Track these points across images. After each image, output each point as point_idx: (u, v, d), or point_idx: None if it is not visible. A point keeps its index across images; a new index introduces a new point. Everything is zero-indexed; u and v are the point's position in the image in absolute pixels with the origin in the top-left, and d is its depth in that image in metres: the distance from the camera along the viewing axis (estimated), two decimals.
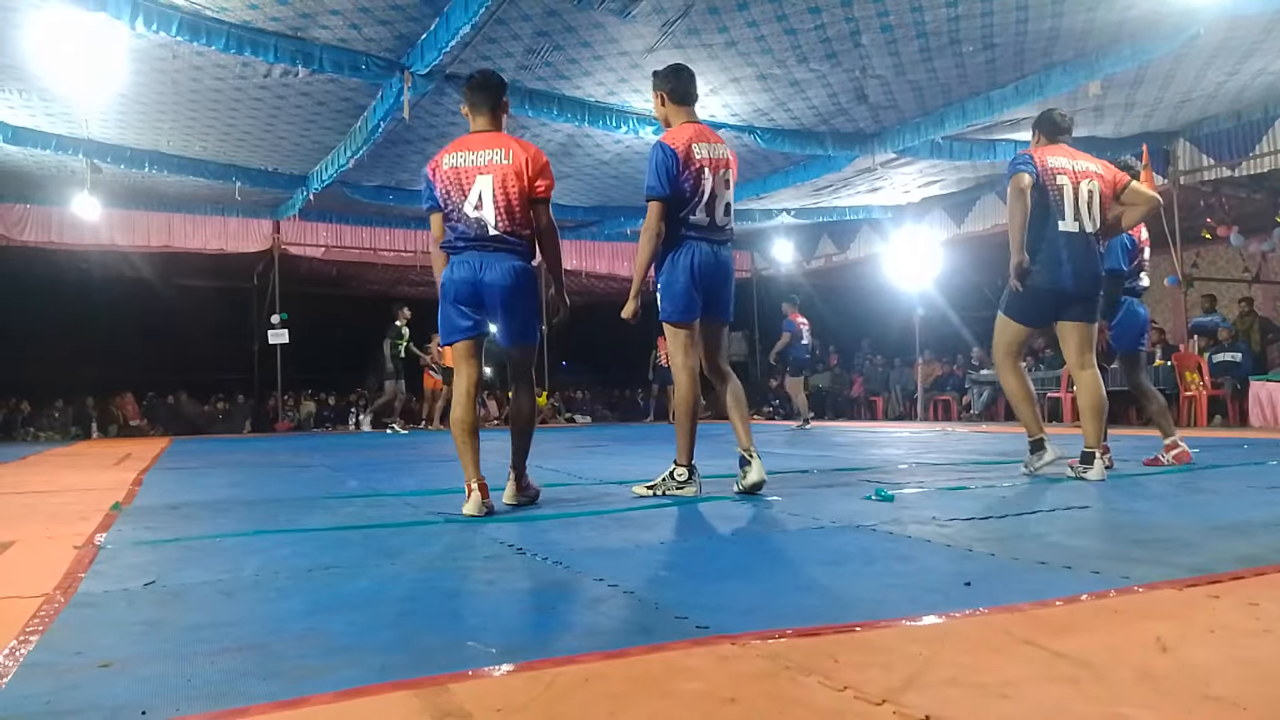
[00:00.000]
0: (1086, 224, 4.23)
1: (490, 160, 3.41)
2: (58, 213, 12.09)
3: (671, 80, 3.88)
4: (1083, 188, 4.23)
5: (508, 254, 3.41)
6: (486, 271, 3.38)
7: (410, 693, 1.31)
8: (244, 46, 7.07)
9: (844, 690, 1.28)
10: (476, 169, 3.41)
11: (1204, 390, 10.11)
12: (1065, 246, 4.20)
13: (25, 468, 6.92)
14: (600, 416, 17.75)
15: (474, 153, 3.44)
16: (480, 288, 3.40)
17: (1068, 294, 4.26)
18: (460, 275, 3.41)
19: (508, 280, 3.38)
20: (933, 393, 14.34)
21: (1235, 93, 8.95)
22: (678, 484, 3.77)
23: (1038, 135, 4.53)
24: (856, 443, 8.14)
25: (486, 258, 3.39)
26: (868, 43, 7.51)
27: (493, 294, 3.40)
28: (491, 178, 3.38)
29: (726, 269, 3.86)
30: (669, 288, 3.76)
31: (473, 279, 3.39)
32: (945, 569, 2.21)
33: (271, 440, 11.73)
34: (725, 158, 3.83)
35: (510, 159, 3.40)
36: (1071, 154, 4.36)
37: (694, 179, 3.69)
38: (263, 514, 3.57)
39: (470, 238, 3.41)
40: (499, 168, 3.39)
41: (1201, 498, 3.66)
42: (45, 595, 2.05)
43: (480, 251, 3.40)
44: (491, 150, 3.43)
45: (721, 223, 3.80)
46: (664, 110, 3.92)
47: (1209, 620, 1.65)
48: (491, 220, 3.37)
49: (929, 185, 12.68)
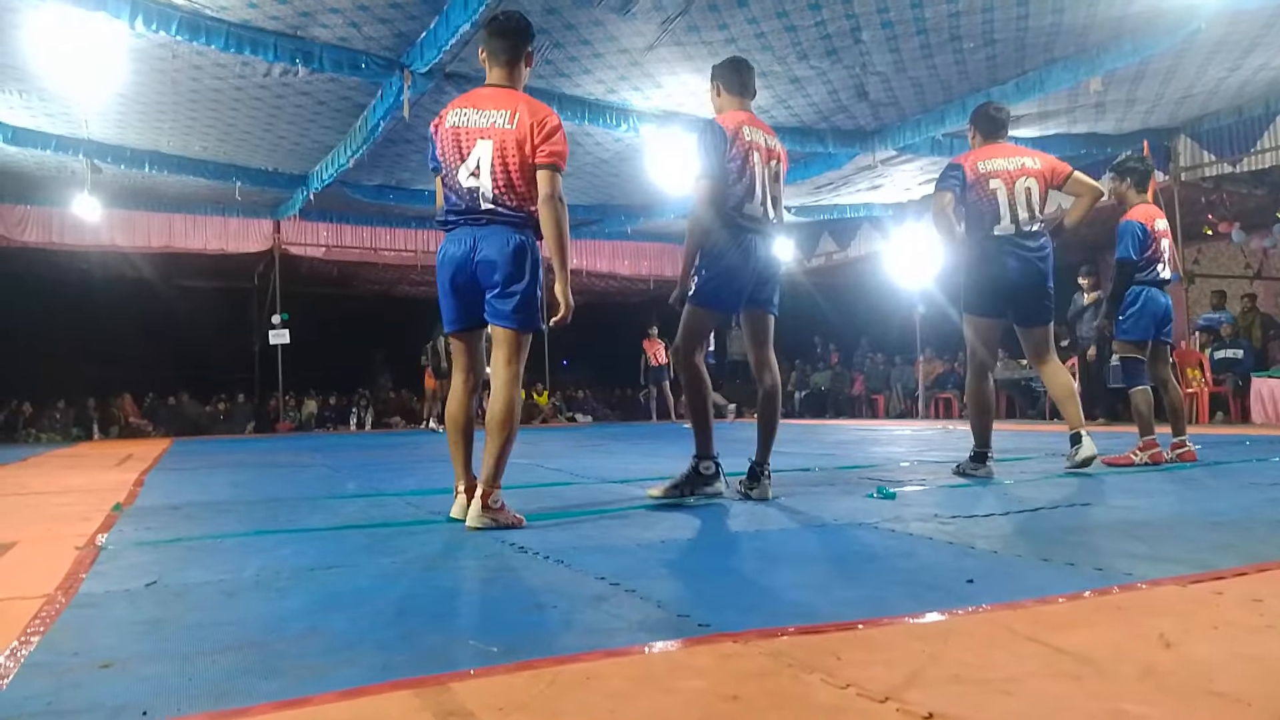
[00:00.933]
0: (1025, 224, 4.28)
1: (493, 123, 3.02)
2: (58, 213, 12.09)
3: (727, 71, 3.78)
4: (1018, 187, 4.28)
5: (504, 226, 3.02)
6: (481, 246, 3.00)
7: (412, 692, 1.30)
8: (244, 45, 7.07)
9: (846, 688, 1.28)
10: (478, 131, 3.03)
11: (1206, 387, 10.10)
12: (1003, 250, 4.28)
13: (27, 469, 6.92)
14: (601, 415, 17.74)
15: (479, 111, 3.06)
16: (476, 267, 3.02)
17: (1012, 295, 4.35)
18: (453, 253, 3.05)
19: (503, 253, 2.98)
20: (934, 390, 14.33)
21: (1236, 88, 8.93)
22: (705, 479, 3.57)
23: (974, 132, 4.58)
24: (858, 440, 8.13)
25: (480, 232, 3.02)
26: (868, 39, 7.50)
27: (487, 270, 3.01)
28: (491, 144, 3.00)
29: (777, 263, 3.73)
30: (723, 275, 3.53)
31: (467, 258, 3.02)
32: (947, 566, 2.21)
33: (273, 440, 11.73)
34: (777, 150, 3.70)
35: (514, 123, 3.00)
36: (1009, 152, 4.40)
37: (741, 159, 3.51)
38: (264, 514, 3.57)
39: (462, 210, 3.05)
40: (500, 133, 3.00)
41: (1204, 494, 3.66)
42: (47, 596, 2.05)
43: (473, 226, 3.03)
44: (499, 111, 3.03)
45: (773, 218, 3.66)
46: (719, 101, 3.80)
47: (1212, 616, 1.64)
48: (488, 190, 3.00)
49: (930, 182, 12.63)
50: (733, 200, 3.52)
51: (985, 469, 4.30)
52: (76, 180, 10.65)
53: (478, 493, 2.98)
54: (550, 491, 4.18)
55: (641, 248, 16.41)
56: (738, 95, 3.76)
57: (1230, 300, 11.64)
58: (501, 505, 3.00)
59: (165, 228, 13.18)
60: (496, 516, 2.96)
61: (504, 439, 3.01)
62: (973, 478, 4.26)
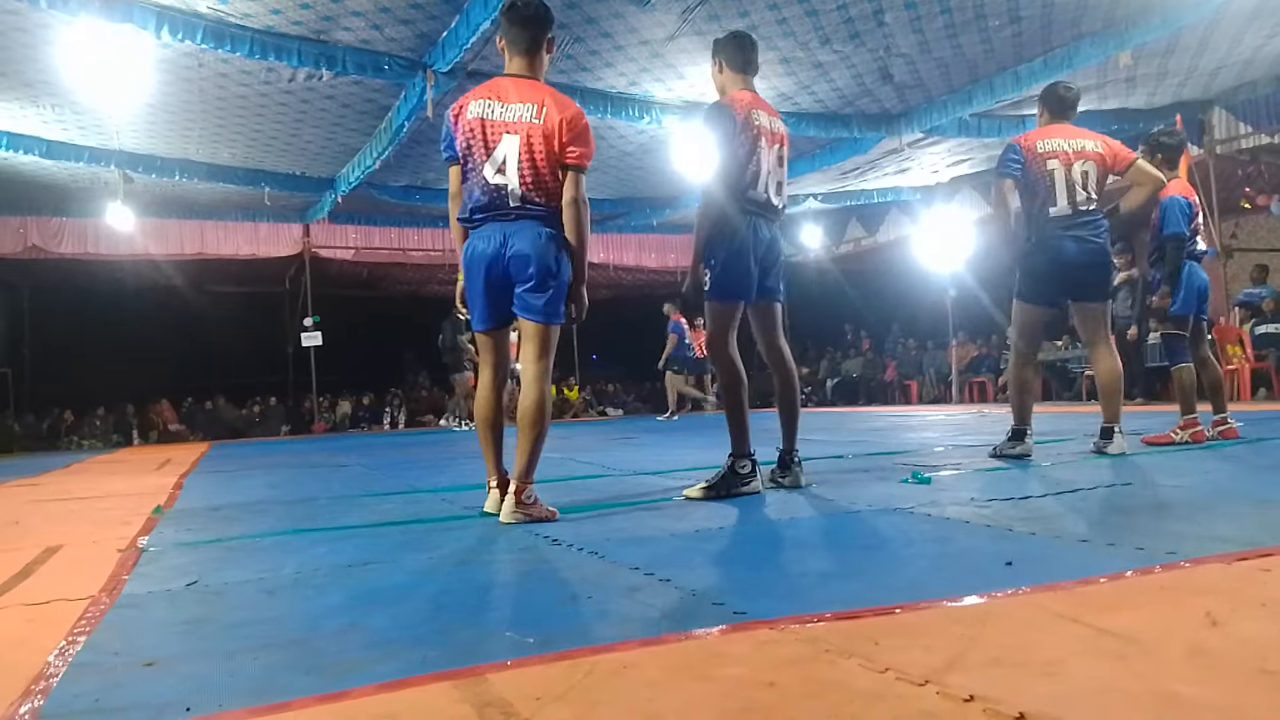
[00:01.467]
0: (1081, 204, 4.19)
1: (519, 117, 2.95)
2: (93, 224, 12.30)
3: (730, 47, 3.61)
4: (1075, 169, 4.19)
5: (533, 221, 2.98)
6: (513, 242, 2.96)
7: (450, 684, 1.31)
8: (268, 52, 7.14)
9: (885, 672, 1.26)
10: (504, 126, 2.96)
11: (1247, 363, 9.90)
12: (1060, 233, 4.20)
13: (70, 475, 7.06)
14: (632, 409, 17.75)
15: (505, 105, 2.98)
16: (508, 264, 2.98)
17: (1070, 276, 4.26)
18: (483, 250, 3.00)
19: (536, 246, 2.95)
20: (968, 375, 14.18)
21: (1275, 56, 8.70)
22: (742, 479, 3.42)
23: (1042, 110, 4.49)
24: (891, 427, 8.06)
25: (510, 228, 2.97)
26: (891, 21, 7.42)
27: (520, 264, 2.97)
28: (518, 139, 2.94)
29: (781, 248, 3.61)
30: (730, 265, 3.42)
31: (499, 254, 2.97)
32: (985, 549, 2.18)
33: (308, 442, 11.86)
34: (781, 133, 3.59)
35: (542, 118, 2.95)
36: (1071, 133, 4.30)
37: (750, 144, 3.40)
38: (301, 513, 3.61)
39: (487, 207, 2.99)
40: (528, 127, 2.94)
41: (1246, 472, 3.58)
42: (91, 597, 2.09)
43: (502, 222, 2.98)
44: (525, 105, 2.96)
45: (777, 201, 3.54)
46: (721, 79, 3.64)
47: (1260, 594, 1.61)
48: (515, 188, 2.95)
49: (958, 164, 12.50)
50: (740, 185, 3.43)
51: (1024, 445, 4.22)
52: (109, 191, 10.83)
53: (510, 488, 2.97)
54: (583, 484, 4.18)
55: (667, 240, 16.34)
56: (740, 72, 3.61)
57: (1272, 275, 11.38)
58: (535, 500, 3.00)
59: (197, 235, 13.37)
60: (530, 511, 2.96)
61: (536, 435, 2.99)
62: (1009, 457, 4.20)
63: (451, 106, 3.09)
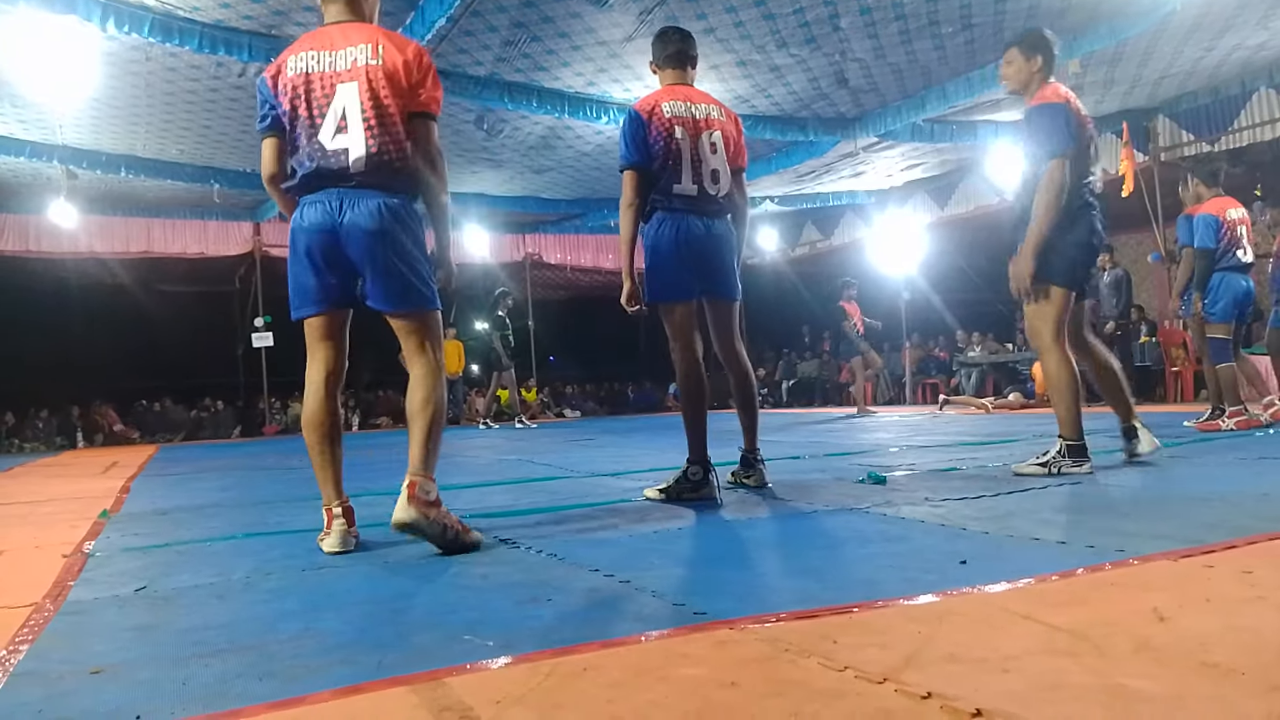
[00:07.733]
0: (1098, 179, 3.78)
1: (354, 61, 2.53)
2: (34, 220, 11.93)
3: (656, 45, 3.58)
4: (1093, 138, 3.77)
5: (377, 190, 2.54)
6: (348, 212, 2.52)
7: (408, 688, 1.30)
8: (218, 46, 6.99)
9: (844, 670, 1.28)
10: (335, 76, 2.53)
11: (1190, 366, 10.17)
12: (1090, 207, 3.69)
13: (11, 479, 6.86)
14: (590, 411, 17.72)
15: (332, 52, 2.55)
16: (340, 236, 2.54)
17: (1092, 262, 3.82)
18: (313, 221, 2.57)
19: (376, 222, 2.52)
20: (920, 376, 14.38)
21: (1212, 68, 8.98)
22: (692, 485, 3.34)
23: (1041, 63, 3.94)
24: (846, 427, 8.15)
25: (348, 194, 2.53)
26: (846, 26, 7.49)
27: (357, 241, 2.53)
28: (357, 86, 2.51)
29: (720, 242, 3.41)
30: (655, 266, 3.36)
31: (330, 225, 2.54)
32: (940, 548, 2.21)
33: (260, 444, 11.66)
34: (710, 118, 3.40)
35: (380, 57, 2.53)
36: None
37: (664, 139, 3.27)
38: (253, 517, 3.55)
39: (323, 174, 2.55)
40: (365, 70, 2.52)
41: (1190, 470, 3.68)
42: (34, 604, 2.03)
43: (340, 188, 2.54)
44: (356, 47, 2.54)
45: (712, 192, 3.36)
46: (657, 77, 3.60)
47: (1204, 590, 1.66)
48: (359, 147, 2.51)
49: (912, 169, 12.68)
50: (662, 183, 3.32)
51: (1087, 464, 3.57)
52: (52, 187, 10.52)
53: (404, 482, 2.47)
54: (541, 486, 4.17)
55: None
56: (672, 66, 3.55)
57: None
58: (437, 499, 2.48)
59: (144, 233, 13.04)
60: (429, 511, 2.42)
61: (429, 418, 2.55)
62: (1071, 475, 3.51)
63: (267, 68, 2.64)
